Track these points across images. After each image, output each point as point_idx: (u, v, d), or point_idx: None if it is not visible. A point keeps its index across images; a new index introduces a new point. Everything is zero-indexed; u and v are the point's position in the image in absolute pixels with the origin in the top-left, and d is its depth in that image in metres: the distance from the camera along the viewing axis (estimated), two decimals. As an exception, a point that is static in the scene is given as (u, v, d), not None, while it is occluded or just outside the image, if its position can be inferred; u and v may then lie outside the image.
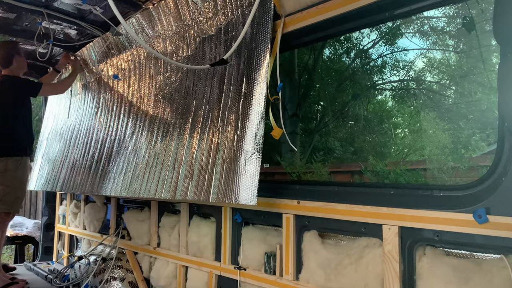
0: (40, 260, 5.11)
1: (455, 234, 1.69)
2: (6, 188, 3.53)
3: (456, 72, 10.26)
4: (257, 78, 2.41)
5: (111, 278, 3.48)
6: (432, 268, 1.75)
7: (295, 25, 2.34)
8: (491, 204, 1.59)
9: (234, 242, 2.70)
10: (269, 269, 2.42)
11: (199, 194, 2.53)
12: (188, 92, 2.97)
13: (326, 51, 10.83)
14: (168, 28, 3.15)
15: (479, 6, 6.94)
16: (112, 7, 1.78)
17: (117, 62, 3.85)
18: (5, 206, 3.55)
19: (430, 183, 6.51)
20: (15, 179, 3.58)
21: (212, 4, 2.75)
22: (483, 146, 7.77)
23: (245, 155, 2.32)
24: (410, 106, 11.55)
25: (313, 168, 7.14)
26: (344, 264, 2.05)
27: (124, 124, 3.62)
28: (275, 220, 2.46)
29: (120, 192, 3.30)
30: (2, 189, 3.53)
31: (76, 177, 4.08)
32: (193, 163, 2.68)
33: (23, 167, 3.65)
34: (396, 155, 11.24)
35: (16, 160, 3.59)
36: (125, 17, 3.35)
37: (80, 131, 4.32)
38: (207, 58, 2.83)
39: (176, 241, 3.17)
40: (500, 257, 1.59)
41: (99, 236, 4.11)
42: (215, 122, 2.64)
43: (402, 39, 10.89)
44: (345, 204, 2.07)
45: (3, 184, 3.53)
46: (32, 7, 3.38)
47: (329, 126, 10.80)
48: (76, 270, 3.80)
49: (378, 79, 11.03)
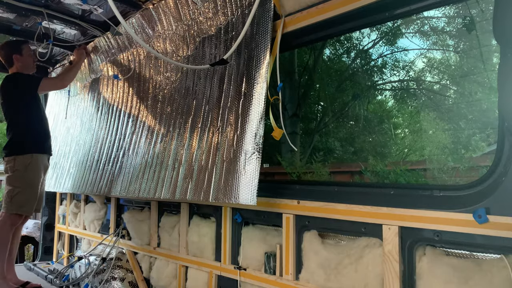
0: (40, 260, 5.10)
1: (455, 234, 1.69)
2: (15, 189, 3.35)
3: (456, 72, 10.26)
4: (257, 78, 2.41)
5: (111, 278, 3.48)
6: (432, 268, 1.75)
7: (295, 25, 2.34)
8: (491, 204, 1.59)
9: (234, 242, 2.70)
10: (269, 269, 2.42)
11: (199, 194, 2.53)
12: (188, 92, 2.97)
13: (326, 51, 10.83)
14: (168, 28, 3.15)
15: (479, 6, 6.94)
16: (112, 7, 1.78)
17: (117, 62, 3.85)
18: (15, 207, 3.33)
19: (430, 183, 6.51)
20: (24, 180, 3.38)
21: (212, 4, 2.75)
22: (483, 146, 7.77)
23: (245, 155, 2.32)
24: (410, 106, 11.55)
25: (313, 168, 7.14)
26: (344, 264, 2.05)
27: (124, 124, 3.62)
28: (275, 220, 2.46)
29: (120, 192, 3.30)
30: (12, 189, 3.35)
31: (76, 177, 4.08)
32: (193, 163, 2.68)
33: (33, 166, 3.42)
34: (396, 155, 11.24)
35: (25, 159, 3.38)
36: (125, 17, 3.35)
37: (81, 131, 4.33)
38: (207, 58, 2.83)
39: (176, 241, 3.17)
40: (500, 257, 1.59)
41: (99, 236, 4.11)
42: (215, 122, 2.64)
43: (402, 39, 10.89)
44: (345, 204, 2.07)
45: (12, 185, 3.35)
46: (32, 7, 3.38)
47: (329, 126, 10.80)
48: (76, 270, 3.80)
49: (378, 79, 11.03)
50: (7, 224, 3.33)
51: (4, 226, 3.33)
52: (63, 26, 3.74)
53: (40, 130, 3.59)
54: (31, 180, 3.42)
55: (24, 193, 3.37)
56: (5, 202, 3.35)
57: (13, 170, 3.36)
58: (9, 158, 3.39)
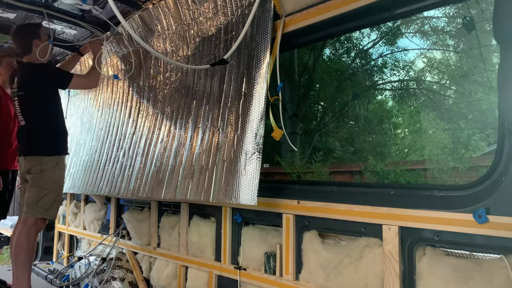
0: (40, 260, 5.11)
1: (455, 234, 1.69)
2: (42, 191, 3.05)
3: (456, 72, 10.27)
4: (257, 78, 2.41)
5: (111, 278, 3.48)
6: (432, 268, 1.75)
7: (295, 25, 2.34)
8: (491, 204, 1.59)
9: (234, 242, 2.70)
10: (269, 269, 2.42)
11: (199, 194, 2.53)
12: (188, 92, 2.97)
13: (326, 51, 10.84)
14: (168, 28, 3.15)
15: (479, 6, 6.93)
16: (112, 7, 1.78)
17: (117, 62, 3.86)
18: (40, 211, 3.06)
19: (430, 183, 6.51)
20: (51, 181, 3.10)
21: (212, 4, 2.75)
22: (483, 146, 7.77)
23: (245, 155, 2.33)
24: (410, 106, 11.56)
25: (313, 168, 7.14)
26: (344, 264, 2.05)
27: (124, 124, 3.62)
28: (275, 220, 2.46)
29: (120, 192, 3.30)
30: (38, 192, 3.05)
31: (76, 177, 4.08)
32: (193, 163, 2.68)
33: (60, 166, 3.17)
34: (396, 155, 11.25)
35: (53, 159, 3.11)
36: (125, 17, 3.35)
37: (81, 131, 4.33)
38: (207, 58, 2.83)
39: (176, 241, 3.17)
40: (500, 257, 1.59)
41: (99, 236, 4.11)
42: (215, 122, 2.64)
43: (402, 39, 10.90)
44: (345, 204, 2.07)
45: (38, 186, 3.06)
46: (32, 7, 3.38)
47: (329, 126, 10.81)
48: (76, 270, 3.80)
49: (378, 79, 11.04)
50: (33, 230, 3.08)
51: (30, 232, 3.07)
52: (63, 26, 3.74)
53: (65, 129, 3.36)
54: (59, 182, 3.19)
55: (51, 196, 3.11)
56: (29, 206, 3.07)
57: (40, 171, 3.07)
58: (34, 158, 3.10)
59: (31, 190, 3.08)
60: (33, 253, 3.13)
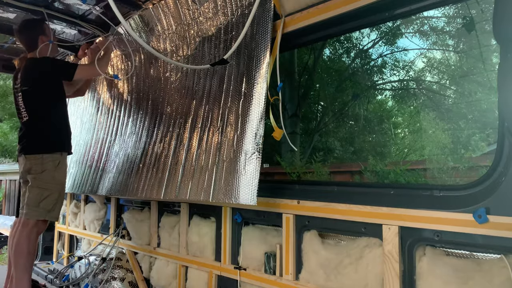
0: (40, 260, 5.10)
1: (455, 234, 1.69)
2: (43, 192, 2.95)
3: (456, 72, 10.28)
4: (257, 78, 2.41)
5: (111, 278, 3.47)
6: (432, 268, 1.75)
7: (295, 25, 2.34)
8: (491, 204, 1.59)
9: (234, 242, 2.70)
10: (269, 269, 2.42)
11: (199, 194, 2.53)
12: (188, 92, 2.97)
13: (326, 51, 10.85)
14: (168, 28, 3.15)
15: (479, 6, 6.94)
16: (112, 7, 1.78)
17: (117, 62, 3.86)
18: (42, 213, 2.96)
19: (430, 183, 6.51)
20: (53, 181, 3.00)
21: (212, 4, 2.76)
22: (483, 146, 7.78)
23: (245, 155, 2.33)
24: (410, 106, 11.57)
25: (313, 168, 7.14)
26: (344, 264, 2.05)
27: (124, 124, 3.62)
28: (275, 220, 2.46)
29: (120, 192, 3.30)
30: (39, 192, 2.95)
31: (76, 177, 4.08)
32: (193, 163, 2.68)
33: (62, 166, 3.07)
34: (396, 155, 11.26)
35: (54, 158, 3.00)
36: (125, 17, 3.35)
37: (81, 131, 4.33)
38: (207, 58, 2.83)
39: (176, 241, 3.17)
40: (500, 257, 1.59)
41: (99, 236, 4.11)
42: (215, 122, 2.64)
43: (402, 39, 10.92)
44: (345, 204, 2.07)
45: (40, 187, 2.96)
46: (32, 7, 3.37)
47: (329, 126, 10.81)
48: (76, 270, 3.80)
49: (378, 79, 11.05)
50: (34, 232, 2.98)
51: (31, 234, 2.96)
52: (63, 26, 3.74)
53: (69, 125, 3.26)
54: (61, 182, 3.08)
55: (53, 197, 3.00)
56: (30, 208, 2.97)
57: (42, 170, 2.97)
58: (35, 156, 2.99)
59: (32, 191, 2.98)
60: (34, 255, 3.03)
